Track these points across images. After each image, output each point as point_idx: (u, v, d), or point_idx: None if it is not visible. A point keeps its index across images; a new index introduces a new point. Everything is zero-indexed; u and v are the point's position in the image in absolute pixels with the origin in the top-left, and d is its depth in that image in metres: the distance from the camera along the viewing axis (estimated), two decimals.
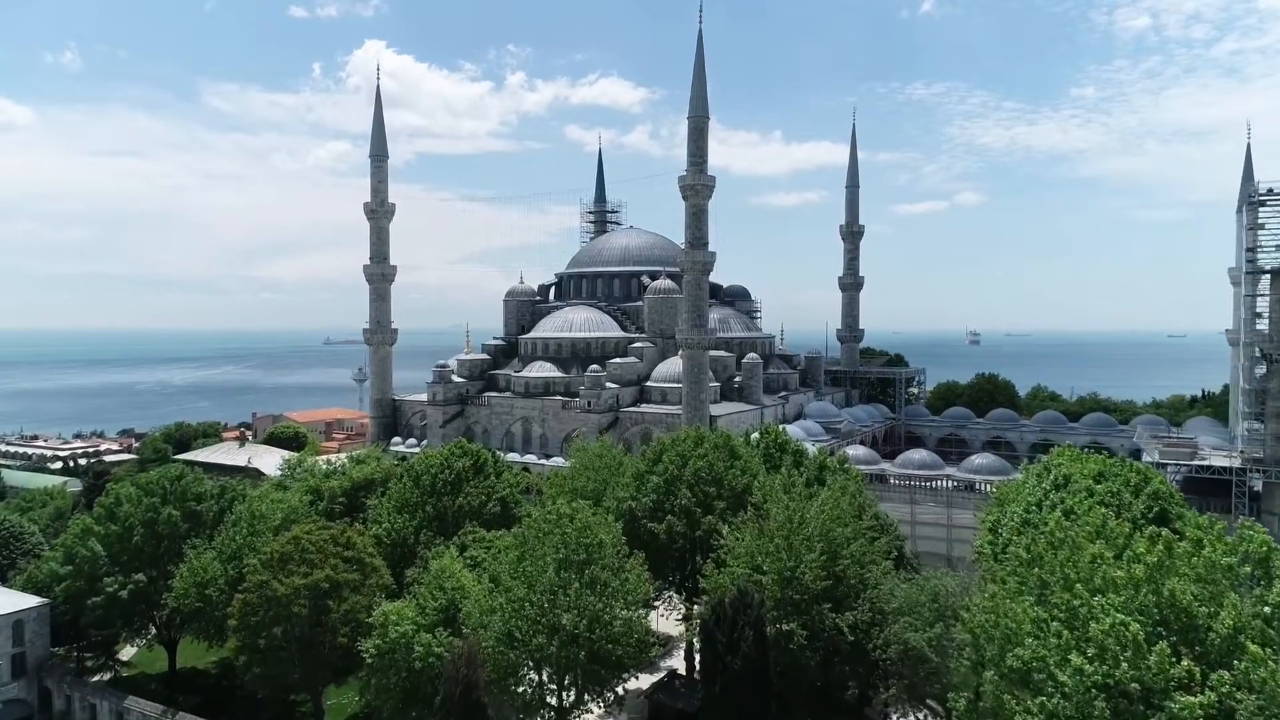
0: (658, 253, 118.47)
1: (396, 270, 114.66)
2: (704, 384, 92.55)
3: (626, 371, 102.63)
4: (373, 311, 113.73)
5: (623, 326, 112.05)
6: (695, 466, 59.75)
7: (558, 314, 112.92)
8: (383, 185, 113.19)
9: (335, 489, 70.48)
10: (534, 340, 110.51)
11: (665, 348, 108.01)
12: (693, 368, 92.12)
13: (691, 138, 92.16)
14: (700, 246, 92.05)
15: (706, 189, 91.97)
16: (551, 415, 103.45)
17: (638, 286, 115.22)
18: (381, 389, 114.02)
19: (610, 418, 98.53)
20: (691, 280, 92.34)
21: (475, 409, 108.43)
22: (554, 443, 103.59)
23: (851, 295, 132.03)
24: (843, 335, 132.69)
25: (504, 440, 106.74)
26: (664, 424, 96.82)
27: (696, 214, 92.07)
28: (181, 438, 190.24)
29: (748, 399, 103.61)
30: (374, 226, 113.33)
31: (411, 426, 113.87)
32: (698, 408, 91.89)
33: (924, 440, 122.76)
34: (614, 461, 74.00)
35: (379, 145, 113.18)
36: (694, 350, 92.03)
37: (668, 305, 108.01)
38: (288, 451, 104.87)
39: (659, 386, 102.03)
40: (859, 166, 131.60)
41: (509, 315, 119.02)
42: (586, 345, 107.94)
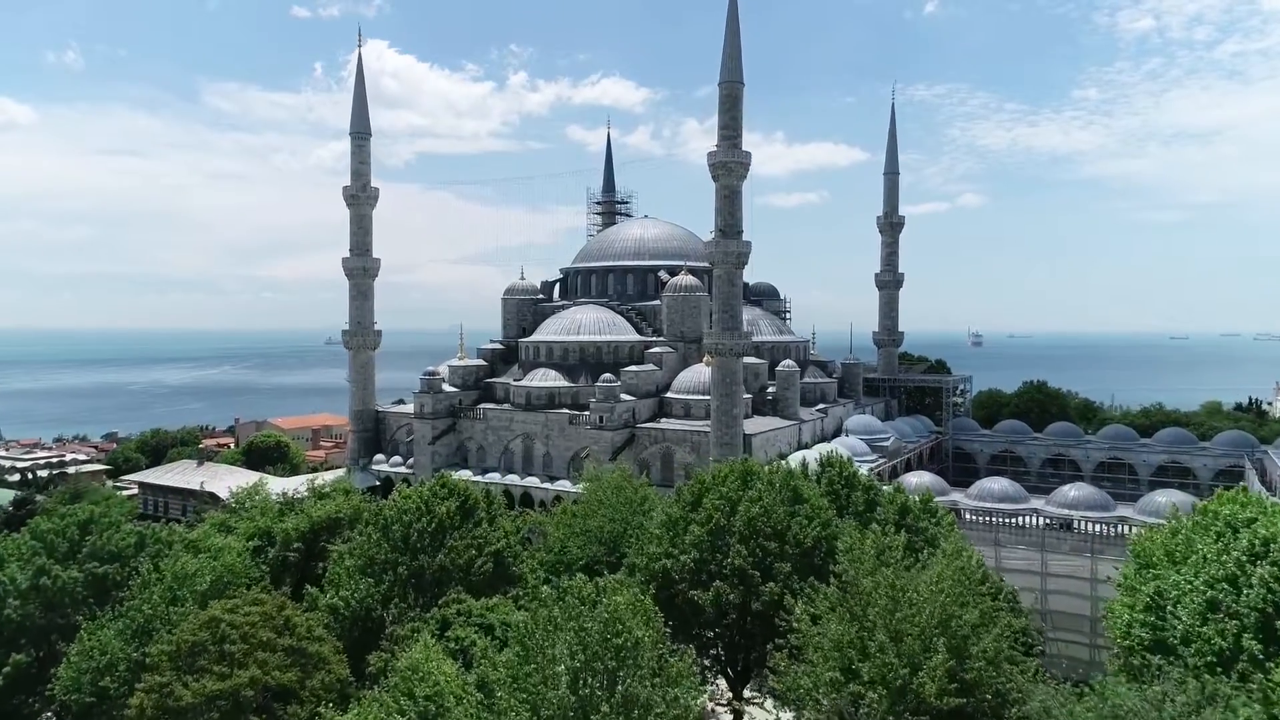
0: (677, 245, 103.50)
1: (380, 264, 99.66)
2: (737, 397, 77.71)
3: (644, 381, 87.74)
4: (353, 310, 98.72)
5: (637, 329, 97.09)
6: (749, 514, 45.09)
7: (563, 314, 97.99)
8: (364, 166, 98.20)
9: (290, 532, 55.74)
10: (536, 344, 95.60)
11: (687, 353, 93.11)
12: (724, 378, 77.28)
13: (723, 107, 77.28)
14: (733, 235, 77.17)
15: (741, 167, 77.08)
16: (556, 431, 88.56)
17: (654, 283, 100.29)
18: (363, 399, 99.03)
19: (625, 435, 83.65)
20: (723, 275, 77.45)
21: (469, 423, 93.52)
22: (559, 462, 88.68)
23: (890, 294, 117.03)
24: (880, 338, 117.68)
25: (501, 459, 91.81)
26: (688, 443, 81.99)
27: (729, 197, 77.20)
28: (157, 445, 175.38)
29: (783, 413, 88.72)
30: (354, 214, 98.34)
31: (397, 442, 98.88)
32: (729, 424, 77.05)
33: (974, 457, 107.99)
34: (636, 496, 59.33)
35: (360, 121, 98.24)
36: (726, 358, 77.22)
37: (689, 304, 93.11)
38: (251, 474, 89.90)
39: (681, 399, 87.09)
40: (899, 151, 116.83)
41: (508, 316, 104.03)
42: (597, 350, 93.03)
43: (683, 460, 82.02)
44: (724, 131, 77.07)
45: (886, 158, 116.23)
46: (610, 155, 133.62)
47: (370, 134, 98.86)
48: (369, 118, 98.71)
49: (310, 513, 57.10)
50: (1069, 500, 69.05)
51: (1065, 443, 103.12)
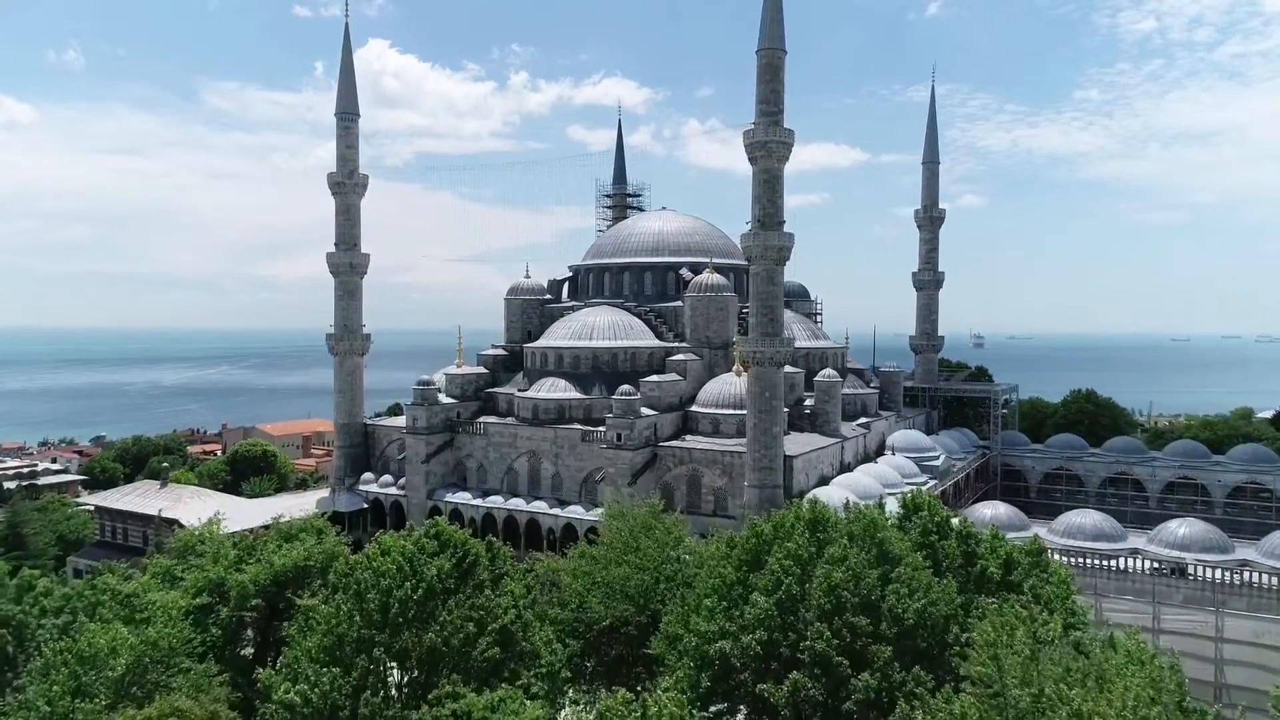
0: (699, 239, 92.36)
1: (369, 260, 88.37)
2: (777, 413, 66.66)
3: (666, 393, 76.63)
4: (338, 311, 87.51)
5: (657, 333, 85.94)
6: (830, 580, 34.23)
7: (574, 317, 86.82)
8: (352, 151, 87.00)
9: (248, 585, 44.75)
10: (544, 350, 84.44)
11: (713, 360, 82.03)
12: (763, 391, 66.24)
13: (762, 78, 66.26)
14: (773, 226, 66.13)
15: (783, 147, 66.04)
16: (567, 449, 77.51)
17: (675, 281, 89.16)
18: (349, 410, 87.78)
19: (646, 455, 72.59)
20: (761, 273, 66.34)
21: (468, 439, 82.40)
22: (570, 484, 77.62)
23: (930, 294, 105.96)
24: (918, 343, 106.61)
25: (504, 480, 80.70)
26: (719, 465, 70.93)
27: (769, 182, 66.16)
28: (139, 453, 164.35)
29: (823, 429, 77.66)
30: (340, 204, 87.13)
31: (387, 458, 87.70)
32: (769, 445, 66.01)
33: (1024, 475, 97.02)
34: (668, 538, 48.53)
35: (348, 101, 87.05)
36: (765, 368, 66.18)
37: (716, 306, 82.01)
38: (218, 497, 78.83)
39: (709, 413, 75.96)
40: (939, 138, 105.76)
41: (511, 318, 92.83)
42: (612, 357, 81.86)
43: (712, 484, 71.01)
44: (763, 107, 66.03)
45: (925, 145, 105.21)
46: (621, 144, 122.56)
47: (358, 115, 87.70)
48: (357, 97, 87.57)
49: (273, 560, 46.10)
50: (1179, 539, 57.88)
51: (1128, 459, 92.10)
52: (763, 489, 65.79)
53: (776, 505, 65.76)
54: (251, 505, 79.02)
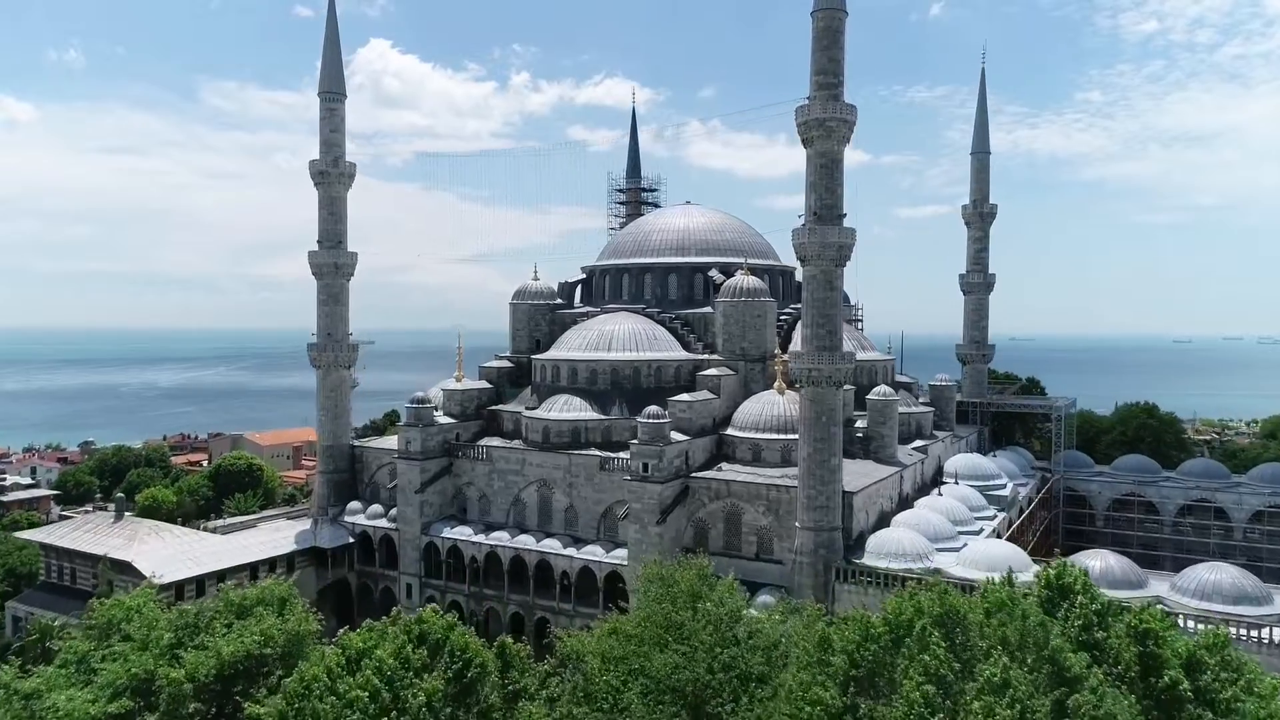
0: (730, 237, 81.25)
1: (357, 260, 77.08)
2: (835, 442, 55.68)
3: (698, 414, 65.67)
4: (321, 318, 76.31)
5: (684, 343, 74.86)
6: None
7: (589, 324, 75.76)
8: (337, 136, 75.87)
9: (183, 683, 33.99)
10: (555, 363, 73.38)
11: (749, 375, 71.07)
12: (818, 416, 55.26)
13: (819, 44, 55.30)
14: (832, 220, 55.20)
15: (844, 126, 55.08)
16: (583, 479, 66.59)
17: (704, 285, 78.07)
18: (334, 431, 76.62)
19: (677, 487, 61.63)
20: (818, 276, 55.38)
21: (468, 465, 71.42)
22: (586, 519, 66.65)
23: (979, 299, 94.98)
24: (966, 353, 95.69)
25: (510, 512, 69.71)
26: (763, 500, 59.95)
27: (827, 167, 55.23)
28: (118, 465, 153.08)
29: (878, 455, 66.66)
30: (324, 195, 75.97)
31: (377, 485, 76.61)
32: (826, 480, 55.04)
33: (1089, 502, 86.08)
34: (722, 611, 38.12)
35: (332, 79, 75.89)
36: (822, 388, 55.22)
37: (752, 313, 71.02)
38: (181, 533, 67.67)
39: (748, 438, 64.96)
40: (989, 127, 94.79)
41: (517, 325, 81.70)
42: (634, 371, 70.87)
43: (755, 523, 60.04)
44: (820, 78, 55.07)
45: (975, 134, 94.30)
46: (635, 134, 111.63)
47: (344, 95, 76.58)
48: (343, 76, 76.50)
49: (220, 647, 35.23)
50: None
51: (1209, 485, 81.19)
52: (818, 532, 54.88)
53: (834, 551, 54.94)
54: (218, 543, 68.03)
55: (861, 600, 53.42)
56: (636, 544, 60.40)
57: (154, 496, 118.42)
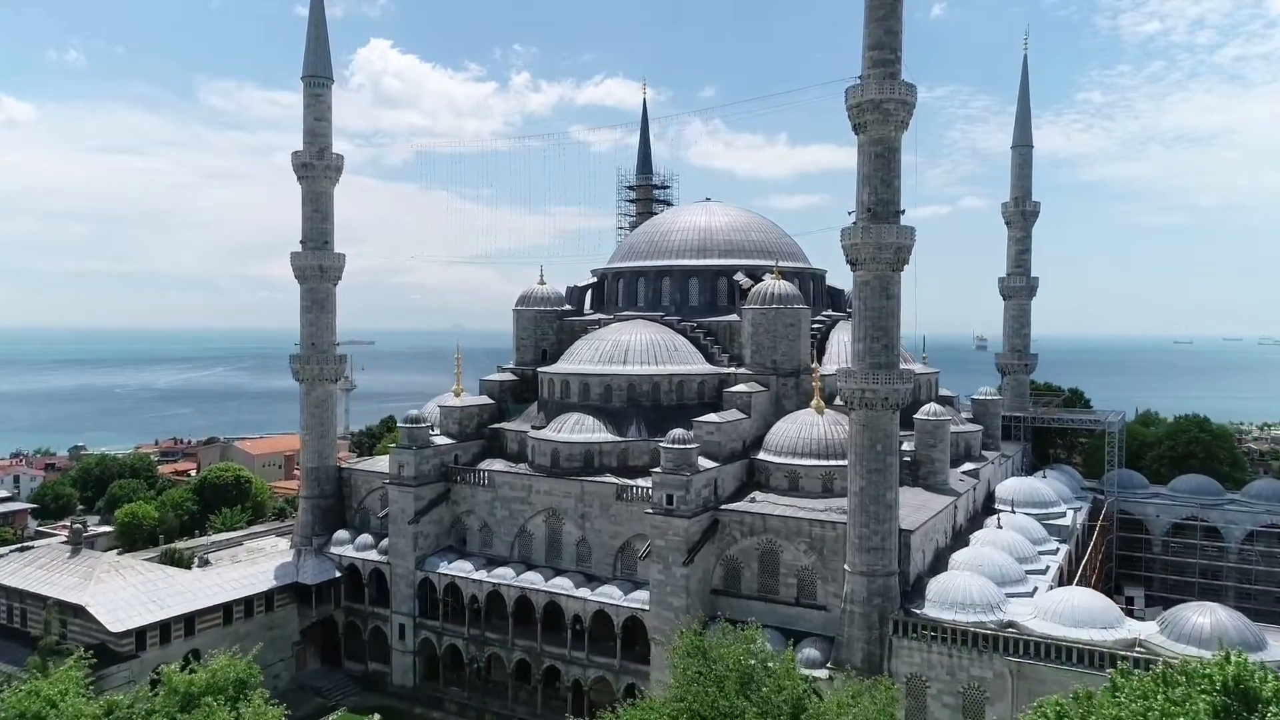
0: (757, 237, 73.46)
1: (344, 262, 69.25)
2: (891, 474, 47.99)
3: (727, 436, 57.94)
4: (305, 327, 68.49)
5: (707, 354, 67.10)
6: None
7: (602, 334, 68.06)
8: (322, 125, 68.06)
9: None
10: (564, 377, 65.59)
11: (782, 391, 63.34)
12: (873, 444, 47.60)
13: (874, 16, 47.47)
14: (890, 218, 47.52)
15: (903, 108, 47.36)
16: (597, 509, 58.87)
17: (729, 290, 70.32)
18: (319, 451, 68.81)
19: (705, 521, 53.91)
20: (873, 282, 47.71)
21: (468, 491, 63.68)
22: (601, 554, 58.89)
23: (1020, 304, 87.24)
24: (1007, 363, 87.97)
25: (514, 545, 61.97)
26: (803, 538, 52.20)
27: (884, 156, 47.54)
28: (101, 475, 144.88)
29: (930, 482, 58.91)
30: (308, 191, 68.13)
31: (367, 511, 68.87)
32: (881, 517, 47.34)
33: (1146, 526, 78.40)
34: (781, 699, 30.47)
35: (318, 63, 68.01)
36: (877, 412, 47.57)
37: (784, 321, 63.29)
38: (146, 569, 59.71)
39: (784, 464, 57.24)
40: (1031, 118, 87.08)
41: (522, 333, 73.92)
42: (653, 387, 63.14)
43: (795, 563, 52.30)
44: (876, 54, 47.33)
45: (1016, 127, 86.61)
46: (646, 128, 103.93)
47: (331, 80, 68.80)
48: (330, 58, 68.76)
49: None
50: None
51: None
52: (872, 578, 47.17)
53: (890, 600, 47.23)
54: (188, 580, 60.24)
55: (924, 658, 45.88)
56: (659, 586, 52.70)
57: (134, 513, 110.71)
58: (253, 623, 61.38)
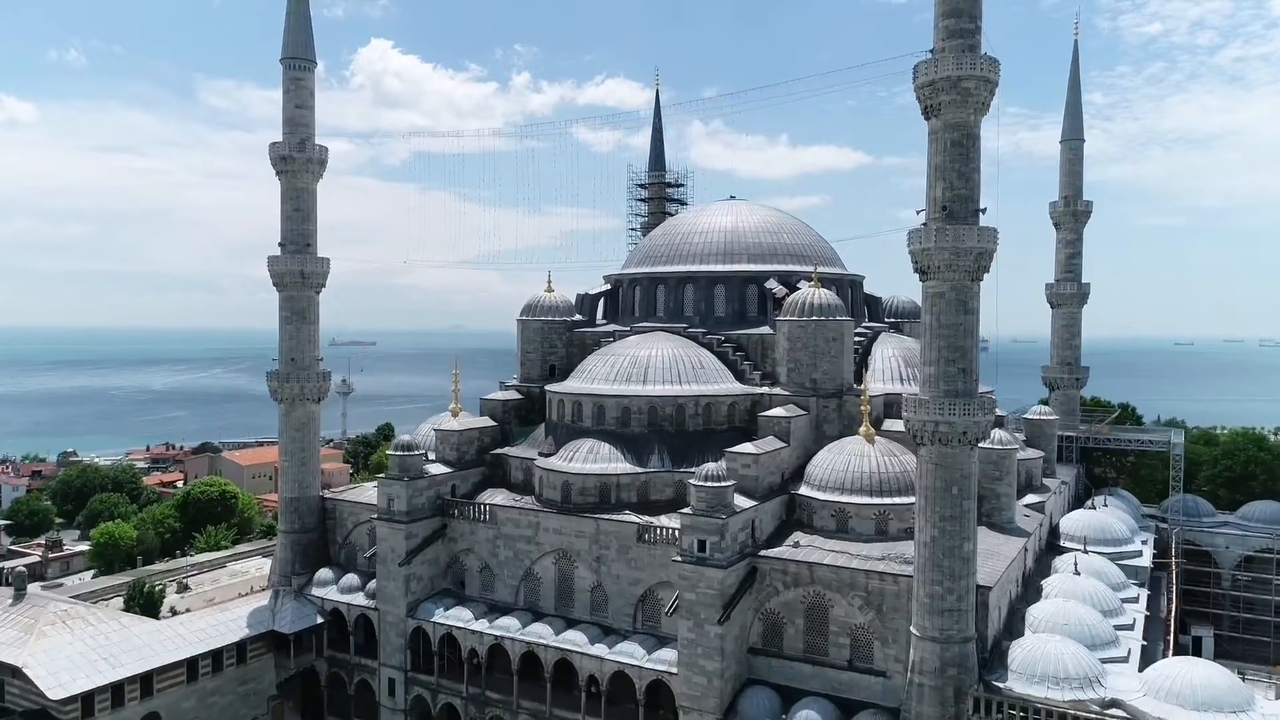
0: (789, 240, 65.53)
1: (329, 267, 61.42)
2: (968, 522, 40.20)
3: (765, 469, 50.07)
4: (285, 339, 60.50)
5: (736, 372, 59.26)
6: None
7: (617, 348, 60.16)
8: (304, 114, 60.15)
9: None
10: (575, 397, 57.64)
11: (823, 415, 55.45)
12: (948, 487, 39.82)
13: None
14: (968, 218, 39.78)
15: (985, 86, 39.49)
16: (615, 552, 51.03)
17: (759, 299, 62.46)
18: (300, 480, 60.79)
19: (741, 570, 46.12)
20: (948, 294, 39.96)
21: (467, 527, 55.81)
22: (619, 605, 51.02)
23: (1070, 312, 79.44)
24: (1055, 376, 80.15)
25: (520, 590, 54.09)
26: (859, 591, 44.31)
27: (960, 144, 39.76)
28: (82, 488, 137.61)
29: (996, 521, 51.05)
30: (288, 186, 60.10)
31: (354, 548, 60.97)
32: (958, 573, 39.51)
33: (1214, 558, 70.76)
34: None
35: (299, 43, 60.01)
36: (953, 449, 39.83)
37: (826, 335, 55.44)
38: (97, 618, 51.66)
39: (830, 501, 49.40)
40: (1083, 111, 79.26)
41: (528, 346, 65.98)
42: (677, 410, 55.27)
43: (848, 621, 44.49)
44: (950, 23, 39.54)
45: (1066, 119, 78.83)
46: (659, 120, 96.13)
47: (314, 63, 60.84)
48: (312, 39, 60.84)
49: None
50: None
51: None
52: (945, 644, 39.36)
53: (966, 670, 39.41)
54: (147, 632, 52.25)
55: None
56: (689, 646, 44.89)
57: (111, 532, 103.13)
58: (222, 678, 53.59)
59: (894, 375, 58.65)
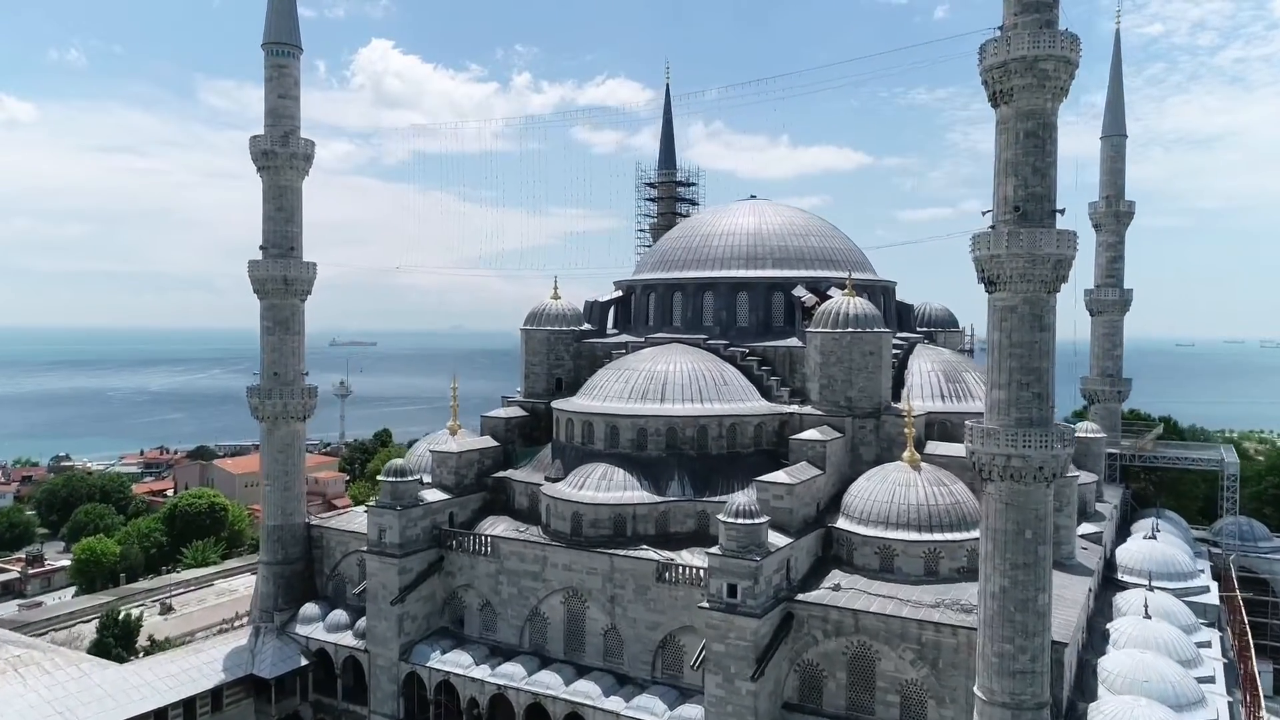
0: (818, 243, 60.08)
1: (315, 272, 55.94)
2: (1044, 569, 34.81)
3: (800, 500, 44.65)
4: (267, 351, 54.86)
5: (762, 388, 53.73)
6: None
7: (631, 361, 54.67)
8: (288, 104, 54.64)
9: None
10: (586, 417, 52.01)
11: (859, 437, 50.10)
12: (1020, 528, 34.42)
13: None
14: (1044, 219, 34.27)
15: (1064, 68, 33.42)
16: (632, 592, 45.65)
17: (785, 308, 56.92)
18: (284, 507, 55.23)
19: (776, 618, 40.78)
20: (1022, 309, 34.42)
21: (466, 561, 50.36)
22: (636, 651, 45.62)
23: (1111, 321, 74.12)
24: (1095, 388, 74.75)
25: (525, 632, 48.65)
26: (910, 643, 38.87)
27: (1035, 136, 33.94)
28: (68, 497, 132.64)
29: (1056, 557, 45.56)
30: (270, 184, 54.54)
31: (342, 579, 55.50)
32: (1031, 629, 34.11)
33: (1273, 586, 65.38)
34: None
35: (282, 28, 54.45)
36: (1027, 486, 34.44)
37: (863, 349, 50.02)
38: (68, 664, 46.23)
39: (874, 537, 44.02)
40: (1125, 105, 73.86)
41: (533, 358, 60.40)
42: (698, 432, 49.82)
43: (897, 675, 39.10)
44: None
45: (1107, 113, 73.58)
46: (669, 115, 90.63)
47: (299, 49, 55.30)
48: (297, 22, 55.30)
49: None
50: None
51: None
52: (1018, 710, 33.96)
53: None
54: (111, 680, 46.78)
55: None
56: (718, 705, 39.44)
57: (93, 548, 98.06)
58: None
59: (934, 392, 53.15)
